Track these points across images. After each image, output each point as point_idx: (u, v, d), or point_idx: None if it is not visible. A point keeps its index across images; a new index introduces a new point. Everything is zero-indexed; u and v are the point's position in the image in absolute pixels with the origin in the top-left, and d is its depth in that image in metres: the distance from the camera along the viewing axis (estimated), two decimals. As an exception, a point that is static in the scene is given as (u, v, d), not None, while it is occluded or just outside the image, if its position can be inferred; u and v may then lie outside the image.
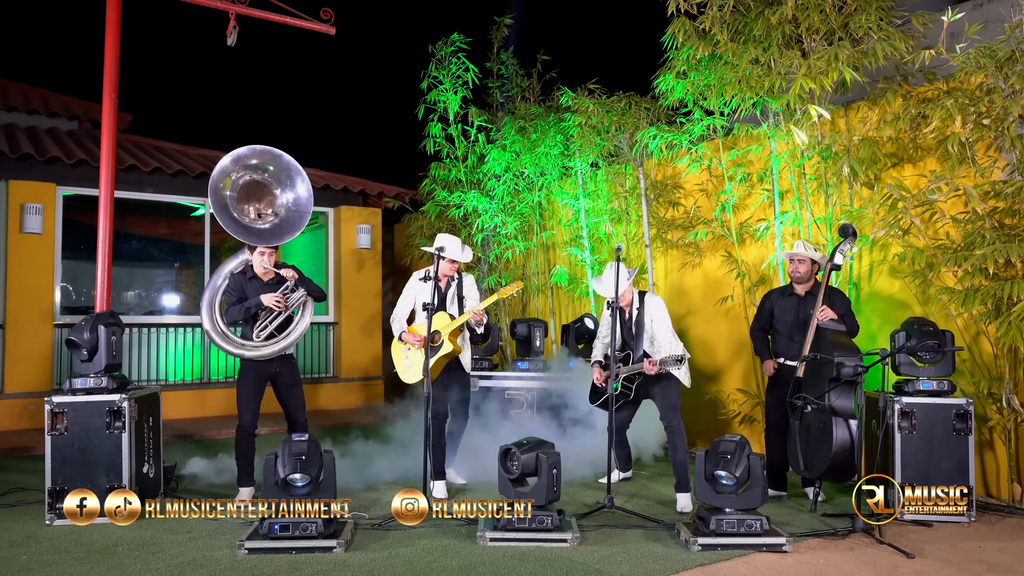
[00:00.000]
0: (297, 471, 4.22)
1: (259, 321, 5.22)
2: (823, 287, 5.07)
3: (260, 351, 5.16)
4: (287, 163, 5.32)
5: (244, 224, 5.23)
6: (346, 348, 10.43)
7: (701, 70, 6.17)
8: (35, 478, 5.58)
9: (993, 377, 5.18)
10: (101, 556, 4.02)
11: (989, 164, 5.18)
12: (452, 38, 8.69)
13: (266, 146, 5.32)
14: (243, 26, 6.33)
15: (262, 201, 5.34)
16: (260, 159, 5.30)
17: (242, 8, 6.29)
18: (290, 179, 5.33)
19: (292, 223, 5.29)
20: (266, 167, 5.32)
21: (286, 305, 5.24)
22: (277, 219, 5.32)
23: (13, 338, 8.40)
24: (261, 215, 5.33)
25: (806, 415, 4.97)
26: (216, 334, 5.27)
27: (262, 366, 5.24)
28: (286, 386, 5.33)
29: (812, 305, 5.12)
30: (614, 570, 3.83)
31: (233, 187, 5.24)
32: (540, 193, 8.59)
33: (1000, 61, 4.91)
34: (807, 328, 5.09)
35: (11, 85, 11.11)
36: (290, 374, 5.35)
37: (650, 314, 5.24)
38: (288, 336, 5.22)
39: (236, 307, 5.20)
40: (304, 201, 5.33)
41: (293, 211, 5.31)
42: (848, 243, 5.05)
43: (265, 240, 5.24)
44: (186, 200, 9.92)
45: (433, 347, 5.19)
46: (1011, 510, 4.96)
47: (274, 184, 5.33)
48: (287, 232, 5.29)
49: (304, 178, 5.35)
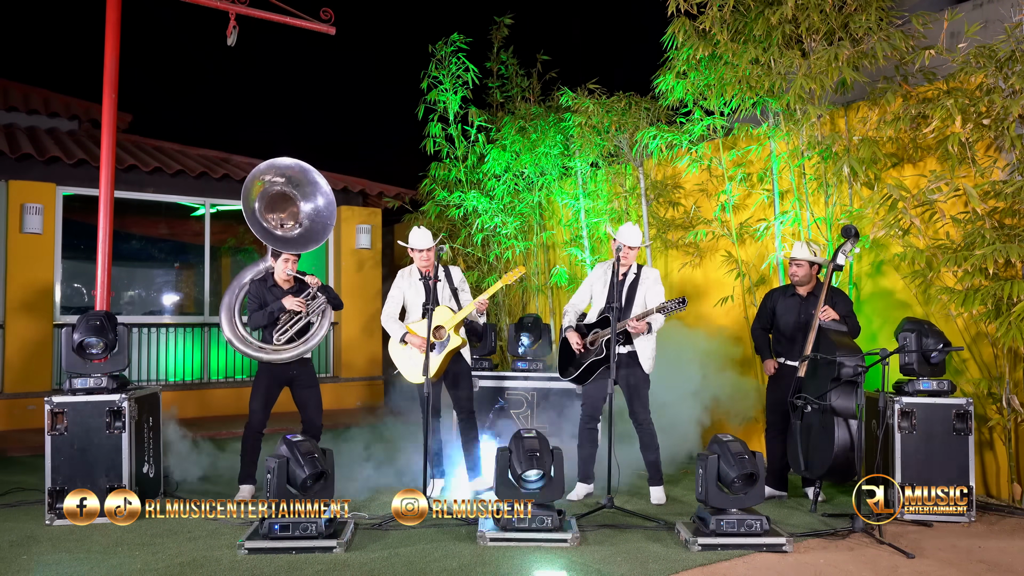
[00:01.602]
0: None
1: (279, 325, 5.34)
2: (825, 287, 5.07)
3: (280, 355, 5.29)
4: (311, 176, 5.64)
5: (273, 232, 5.45)
6: (346, 348, 10.43)
7: (701, 70, 6.17)
8: (35, 478, 5.57)
9: (993, 377, 5.18)
10: (101, 556, 4.02)
11: (989, 164, 5.18)
12: (452, 38, 8.68)
13: (291, 159, 5.61)
14: (243, 26, 6.33)
15: (285, 212, 5.58)
16: (288, 172, 5.59)
17: (242, 8, 6.29)
18: (312, 190, 5.63)
19: (316, 233, 5.55)
20: (291, 179, 5.61)
21: (307, 311, 5.37)
22: (302, 228, 5.54)
23: (13, 338, 8.40)
24: (283, 224, 5.55)
25: (807, 415, 4.97)
26: (236, 339, 5.43)
27: (278, 370, 5.35)
28: (304, 388, 5.42)
29: (814, 305, 5.12)
30: (614, 570, 3.83)
31: (261, 196, 5.50)
32: (540, 193, 8.59)
33: (1000, 61, 4.91)
34: (806, 328, 5.09)
35: (11, 85, 11.10)
36: (308, 377, 5.45)
37: (647, 285, 5.19)
38: (308, 341, 5.37)
39: (259, 313, 5.32)
40: (324, 212, 5.62)
41: (316, 221, 5.59)
42: (850, 244, 5.06)
43: (292, 247, 5.41)
44: (186, 200, 9.92)
45: (440, 342, 5.20)
46: (1011, 510, 4.96)
47: (298, 196, 5.60)
48: (311, 241, 5.53)
49: (323, 190, 5.65)
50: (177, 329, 9.59)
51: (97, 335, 4.88)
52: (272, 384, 5.36)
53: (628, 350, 5.11)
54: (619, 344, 5.07)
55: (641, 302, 5.15)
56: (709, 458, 4.28)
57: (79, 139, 10.15)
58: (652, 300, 5.13)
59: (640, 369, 5.12)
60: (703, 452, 4.42)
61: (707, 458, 4.29)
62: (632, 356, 5.11)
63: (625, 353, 5.11)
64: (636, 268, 5.25)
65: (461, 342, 5.27)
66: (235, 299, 5.58)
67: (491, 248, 8.97)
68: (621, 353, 5.09)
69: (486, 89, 9.21)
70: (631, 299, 5.15)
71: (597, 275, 5.37)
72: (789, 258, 5.38)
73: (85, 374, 4.88)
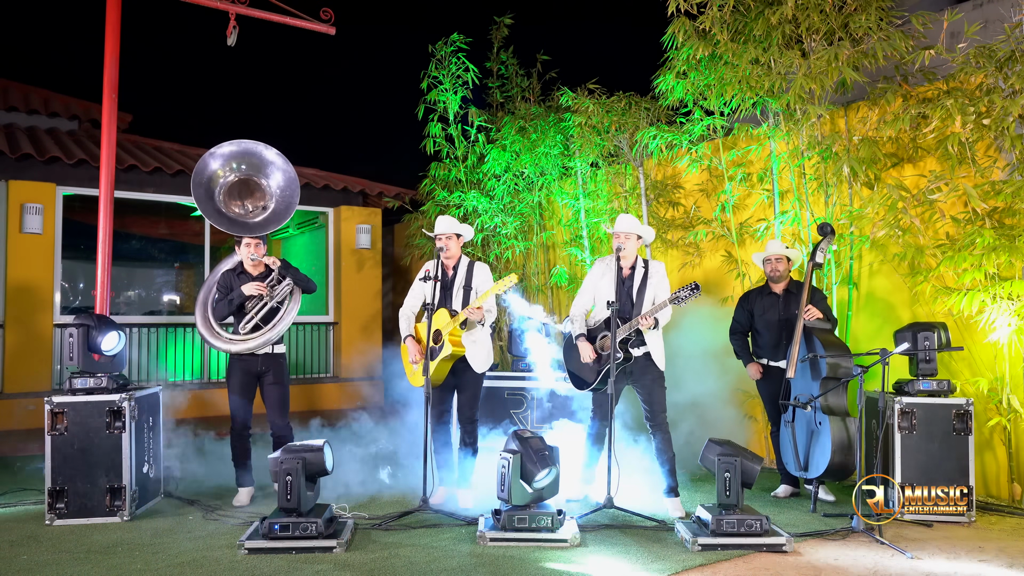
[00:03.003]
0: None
1: (247, 315, 5.13)
2: (806, 286, 5.08)
3: (245, 344, 5.05)
4: (261, 155, 5.38)
5: (231, 217, 5.24)
6: (346, 348, 10.43)
7: (701, 70, 6.17)
8: (35, 478, 5.58)
9: (993, 377, 5.18)
10: (101, 556, 4.02)
11: (989, 164, 5.18)
12: (452, 38, 8.68)
13: (235, 142, 5.37)
14: (243, 26, 6.33)
15: (253, 195, 5.37)
16: (238, 160, 5.36)
17: (242, 8, 6.29)
18: (269, 168, 5.37)
19: (279, 213, 5.30)
20: (242, 164, 5.37)
21: (271, 295, 5.11)
22: (267, 212, 5.30)
23: (13, 338, 8.40)
24: (253, 209, 5.35)
25: (800, 416, 4.99)
26: (206, 331, 5.23)
27: (248, 363, 5.14)
28: (267, 384, 5.16)
29: (792, 302, 5.17)
30: (614, 570, 3.82)
31: (220, 188, 5.32)
32: (540, 193, 8.59)
33: (1000, 61, 4.91)
34: (789, 326, 5.12)
35: (11, 85, 11.10)
36: (275, 373, 5.16)
37: (655, 281, 5.01)
38: (273, 328, 5.07)
39: (223, 302, 5.13)
40: (287, 187, 5.36)
41: (280, 200, 5.32)
42: (827, 241, 5.10)
43: (251, 231, 5.17)
44: (186, 200, 9.91)
45: (435, 348, 4.98)
46: (1011, 510, 4.96)
47: (259, 177, 5.36)
48: (273, 222, 5.28)
49: (281, 165, 5.38)
50: (177, 329, 9.59)
51: (116, 329, 4.92)
52: (245, 379, 5.13)
53: (644, 351, 4.94)
54: (635, 346, 4.93)
55: (651, 297, 4.97)
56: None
57: (79, 139, 10.15)
58: (660, 295, 4.97)
59: (656, 367, 4.96)
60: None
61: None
62: (648, 356, 4.95)
63: (641, 355, 4.95)
64: (643, 264, 5.07)
65: (454, 351, 4.91)
66: (209, 292, 5.37)
67: (491, 248, 8.97)
68: (637, 356, 4.94)
69: (486, 89, 9.21)
70: (641, 296, 4.98)
71: (599, 271, 5.14)
72: (765, 256, 5.40)
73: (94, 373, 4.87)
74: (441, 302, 5.10)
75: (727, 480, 4.21)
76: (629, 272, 5.05)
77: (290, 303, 5.18)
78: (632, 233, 5.01)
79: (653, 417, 4.98)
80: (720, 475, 4.25)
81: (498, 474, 4.39)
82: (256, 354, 5.12)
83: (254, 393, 5.20)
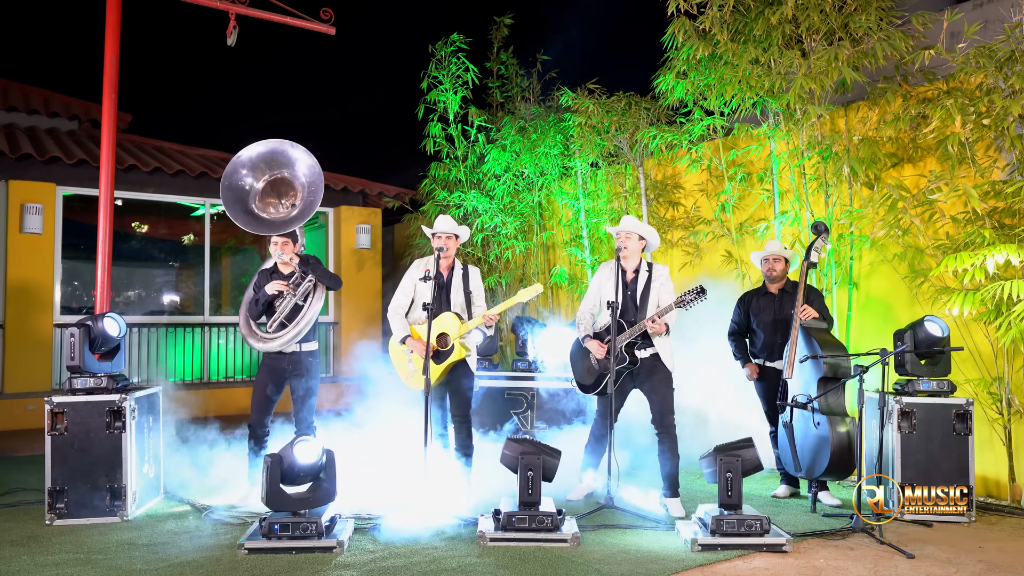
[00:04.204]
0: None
1: (275, 313, 5.12)
2: (802, 286, 5.07)
3: (272, 343, 5.05)
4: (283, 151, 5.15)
5: (259, 216, 5.10)
6: (346, 348, 10.43)
7: (701, 70, 6.18)
8: (35, 478, 5.58)
9: (993, 377, 5.18)
10: (101, 556, 4.02)
11: (989, 164, 5.18)
12: (452, 38, 8.69)
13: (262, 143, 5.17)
14: (243, 26, 6.34)
15: (287, 194, 5.20)
16: (267, 159, 5.17)
17: (242, 8, 6.29)
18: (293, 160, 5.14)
19: (305, 209, 5.07)
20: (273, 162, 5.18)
21: (294, 292, 5.07)
22: (295, 210, 5.12)
23: (13, 338, 8.40)
24: (286, 207, 5.18)
25: (799, 416, 4.99)
26: (245, 330, 5.22)
27: (275, 361, 5.12)
28: (295, 382, 5.16)
29: (788, 302, 5.17)
30: (614, 570, 3.82)
31: (253, 193, 5.14)
32: (540, 193, 8.59)
33: (1000, 61, 4.92)
34: (785, 326, 5.12)
35: (11, 85, 11.10)
36: (303, 370, 5.13)
37: (659, 283, 4.96)
38: (296, 325, 5.04)
39: (253, 301, 5.12)
40: (313, 177, 5.12)
41: (310, 194, 5.11)
42: (822, 239, 5.09)
43: (276, 228, 5.08)
44: (186, 200, 9.93)
45: (443, 351, 4.94)
46: (1011, 510, 4.96)
47: (288, 172, 5.17)
48: (298, 219, 5.08)
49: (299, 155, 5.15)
50: (177, 329, 9.59)
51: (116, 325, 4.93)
52: (269, 379, 5.11)
53: (651, 352, 4.92)
54: (641, 349, 4.90)
55: (655, 301, 4.93)
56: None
57: (79, 139, 10.15)
58: (664, 299, 4.94)
59: (663, 367, 4.91)
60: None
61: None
62: (655, 357, 4.93)
63: (648, 356, 4.92)
64: (647, 267, 5.03)
65: (466, 352, 4.99)
66: (248, 292, 5.33)
67: (491, 248, 8.97)
68: (644, 357, 4.91)
69: (486, 89, 9.22)
70: (645, 298, 4.94)
71: (604, 275, 5.09)
72: (763, 256, 5.38)
73: (94, 373, 4.86)
74: (438, 303, 5.05)
75: (728, 480, 4.22)
76: (633, 275, 5.01)
77: (312, 299, 5.13)
78: (633, 233, 4.98)
79: (661, 419, 4.90)
80: (721, 475, 4.25)
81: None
82: (284, 352, 5.11)
83: (278, 391, 5.19)
